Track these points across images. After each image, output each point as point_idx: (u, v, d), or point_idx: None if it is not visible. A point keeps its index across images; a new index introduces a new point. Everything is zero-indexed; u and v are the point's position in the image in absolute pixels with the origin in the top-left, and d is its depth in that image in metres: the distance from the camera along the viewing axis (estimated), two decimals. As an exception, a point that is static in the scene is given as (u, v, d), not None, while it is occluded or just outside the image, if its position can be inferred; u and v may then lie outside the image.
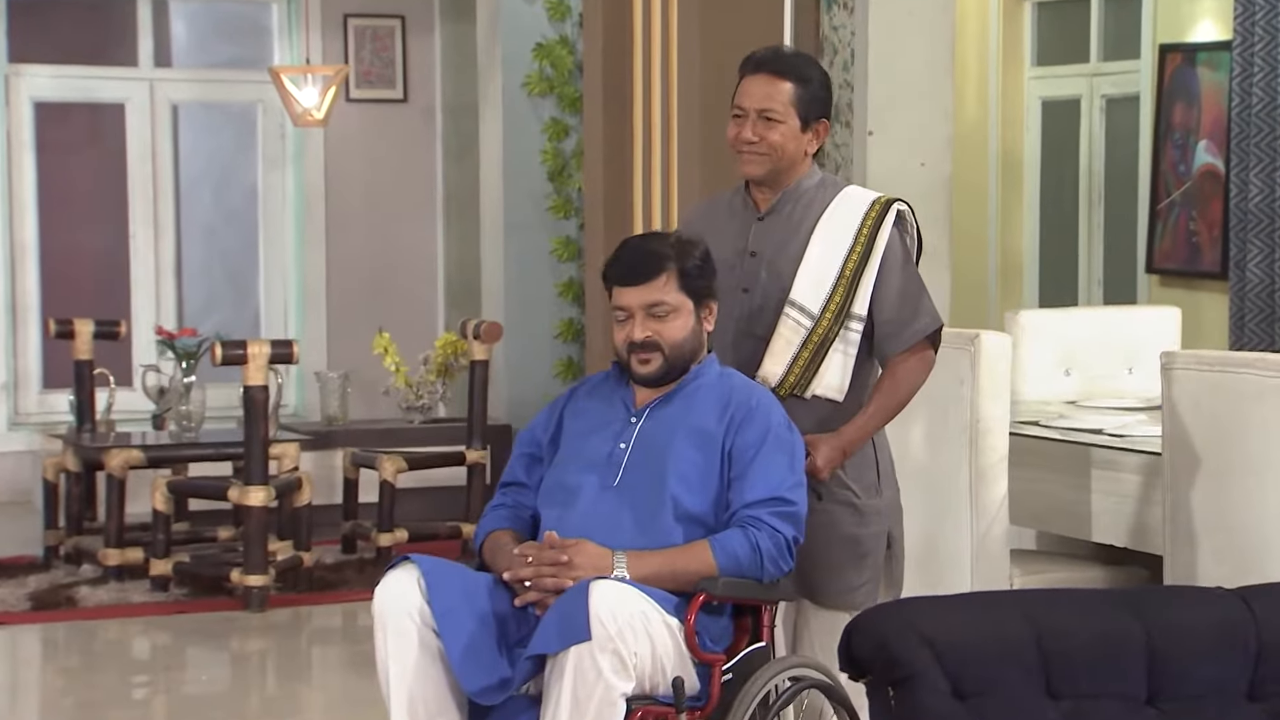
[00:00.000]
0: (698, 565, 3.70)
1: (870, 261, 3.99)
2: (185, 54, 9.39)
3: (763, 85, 4.01)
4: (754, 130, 4.00)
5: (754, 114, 4.00)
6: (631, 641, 3.50)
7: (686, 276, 3.83)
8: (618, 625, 3.49)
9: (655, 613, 3.60)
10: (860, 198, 4.07)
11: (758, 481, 3.75)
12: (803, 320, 3.97)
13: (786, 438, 3.81)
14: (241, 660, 6.56)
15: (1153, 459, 4.65)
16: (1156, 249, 7.96)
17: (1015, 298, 8.89)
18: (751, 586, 3.74)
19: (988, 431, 4.77)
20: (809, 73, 4.03)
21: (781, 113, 3.99)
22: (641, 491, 3.77)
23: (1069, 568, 5.00)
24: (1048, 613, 2.86)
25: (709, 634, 3.72)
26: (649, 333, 3.82)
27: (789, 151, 4.01)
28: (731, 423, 3.80)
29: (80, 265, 9.31)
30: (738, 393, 3.84)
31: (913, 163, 6.68)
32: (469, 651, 3.59)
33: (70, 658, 6.55)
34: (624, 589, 3.57)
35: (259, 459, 6.91)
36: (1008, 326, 5.77)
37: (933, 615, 2.84)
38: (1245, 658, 2.90)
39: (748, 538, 3.71)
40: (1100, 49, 8.54)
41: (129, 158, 9.16)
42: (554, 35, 8.78)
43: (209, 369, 7.30)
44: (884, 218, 4.01)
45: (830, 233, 4.01)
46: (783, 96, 3.99)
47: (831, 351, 3.98)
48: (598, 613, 3.48)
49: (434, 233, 9.44)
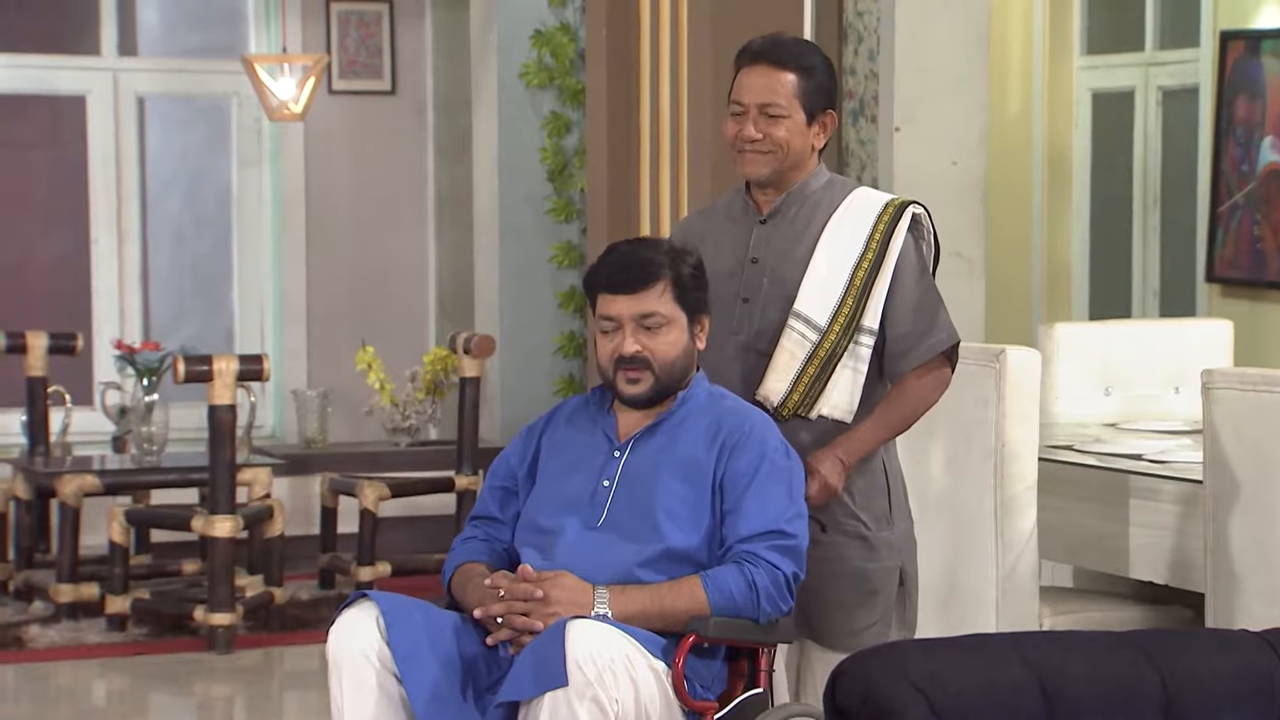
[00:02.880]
0: (688, 603, 3.70)
1: (883, 270, 3.99)
2: (152, 42, 9.43)
3: (763, 77, 4.02)
4: (757, 126, 4.00)
5: (755, 109, 4.01)
6: (613, 687, 3.50)
7: (681, 287, 3.84)
8: (597, 669, 3.49)
9: (640, 656, 3.60)
10: (872, 200, 4.08)
11: (753, 514, 3.75)
12: (808, 333, 3.98)
13: (783, 465, 3.81)
14: (206, 707, 6.58)
15: (1195, 487, 4.64)
16: (1218, 256, 7.95)
17: (1063, 310, 8.87)
18: (746, 627, 3.74)
19: (1015, 457, 4.77)
20: (812, 60, 4.04)
21: (785, 106, 4.00)
22: (628, 531, 3.77)
23: (1104, 607, 4.99)
24: (1052, 657, 2.85)
25: (699, 679, 3.72)
26: (639, 347, 3.81)
27: (795, 148, 4.02)
28: (723, 450, 3.80)
29: (36, 273, 9.34)
30: (729, 417, 3.84)
31: (943, 161, 6.69)
32: (434, 699, 3.60)
33: (20, 704, 6.57)
34: (605, 630, 3.57)
35: (225, 486, 6.93)
36: (1042, 341, 5.77)
37: (925, 659, 2.83)
38: (1272, 707, 2.89)
39: (743, 574, 3.71)
40: (1156, 36, 8.53)
41: (90, 155, 9.19)
42: (554, 22, 8.80)
43: (175, 387, 7.32)
44: (898, 221, 4.02)
45: (839, 237, 4.02)
46: (786, 89, 4.00)
47: (840, 368, 3.98)
48: (575, 656, 3.48)
49: (424, 238, 9.45)
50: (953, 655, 2.85)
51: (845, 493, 4.00)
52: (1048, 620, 4.86)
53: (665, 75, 7.72)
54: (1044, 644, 2.88)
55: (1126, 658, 2.87)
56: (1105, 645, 2.87)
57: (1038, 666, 2.81)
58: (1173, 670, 2.87)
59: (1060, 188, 8.95)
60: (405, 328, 9.39)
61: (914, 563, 4.14)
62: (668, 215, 7.77)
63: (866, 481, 4.05)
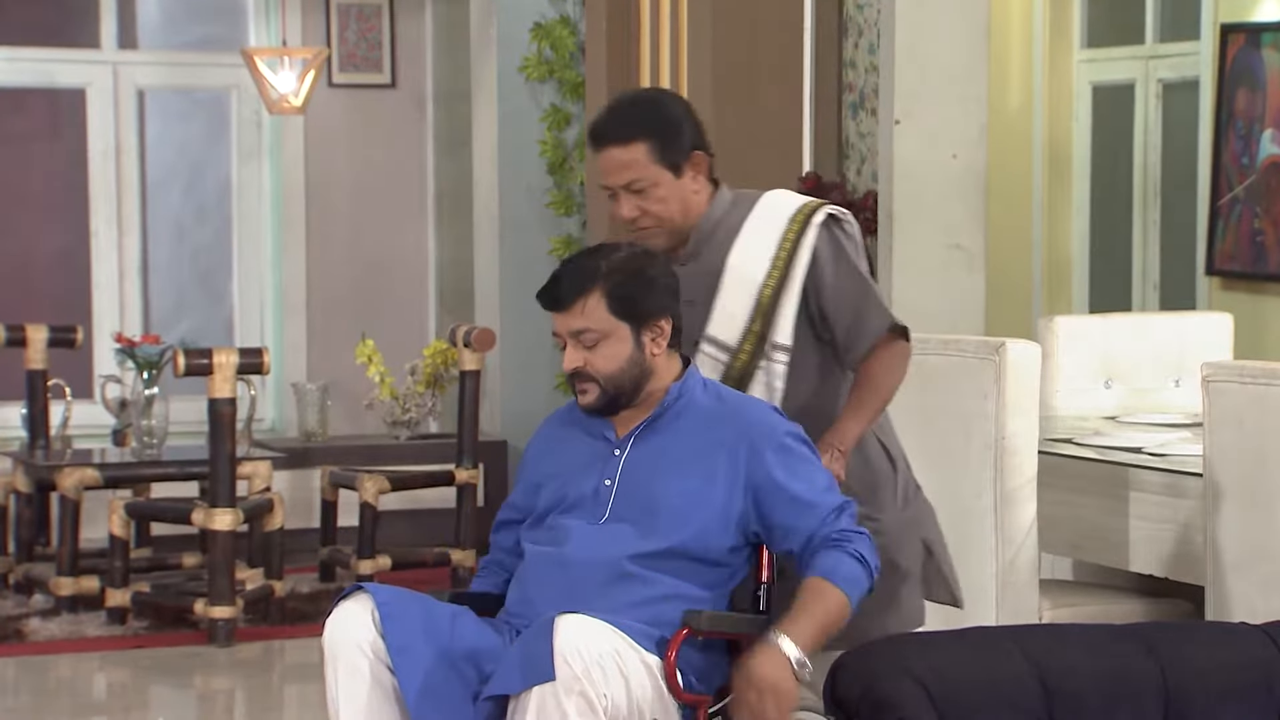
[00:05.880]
0: (837, 606, 3.65)
1: (789, 284, 3.96)
2: (152, 35, 9.43)
3: (615, 158, 3.95)
4: (631, 206, 3.95)
5: (621, 190, 3.95)
6: (601, 682, 3.50)
7: (615, 299, 3.76)
8: (585, 664, 3.49)
9: (631, 650, 3.60)
10: (780, 210, 4.02)
11: (812, 499, 3.73)
12: (720, 355, 3.98)
13: (800, 441, 3.81)
14: (207, 699, 6.59)
15: (1194, 480, 4.65)
16: (1218, 250, 7.95)
17: (1063, 303, 8.87)
18: (739, 620, 3.73)
19: (1014, 450, 4.77)
20: (654, 119, 3.96)
21: (647, 176, 3.94)
22: (630, 528, 3.76)
23: (1104, 600, 5.00)
24: (1052, 650, 2.86)
25: (694, 672, 3.71)
26: (579, 362, 3.79)
27: (676, 209, 3.97)
28: (740, 452, 3.76)
29: (36, 266, 9.35)
30: (732, 413, 3.81)
31: (944, 154, 6.69)
32: (426, 691, 3.60)
33: (19, 697, 6.57)
34: (594, 624, 3.56)
35: (225, 479, 6.94)
36: (1041, 334, 5.77)
37: (925, 653, 2.84)
38: (1270, 700, 2.90)
39: (849, 554, 3.69)
40: (1156, 29, 8.52)
41: (90, 148, 9.20)
42: (554, 14, 8.80)
43: (175, 380, 7.33)
44: (804, 231, 3.98)
45: (746, 256, 3.99)
46: (640, 160, 3.93)
47: (752, 385, 3.98)
48: (563, 650, 3.48)
49: (424, 231, 9.46)
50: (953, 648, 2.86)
51: (855, 496, 3.96)
52: (1048, 613, 4.86)
53: (665, 68, 7.73)
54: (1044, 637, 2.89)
55: (1126, 650, 2.87)
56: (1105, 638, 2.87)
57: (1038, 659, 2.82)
58: (1172, 662, 2.88)
59: (1060, 181, 8.95)
60: (405, 321, 9.39)
61: (935, 528, 4.15)
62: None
63: (870, 475, 4.05)
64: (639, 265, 3.81)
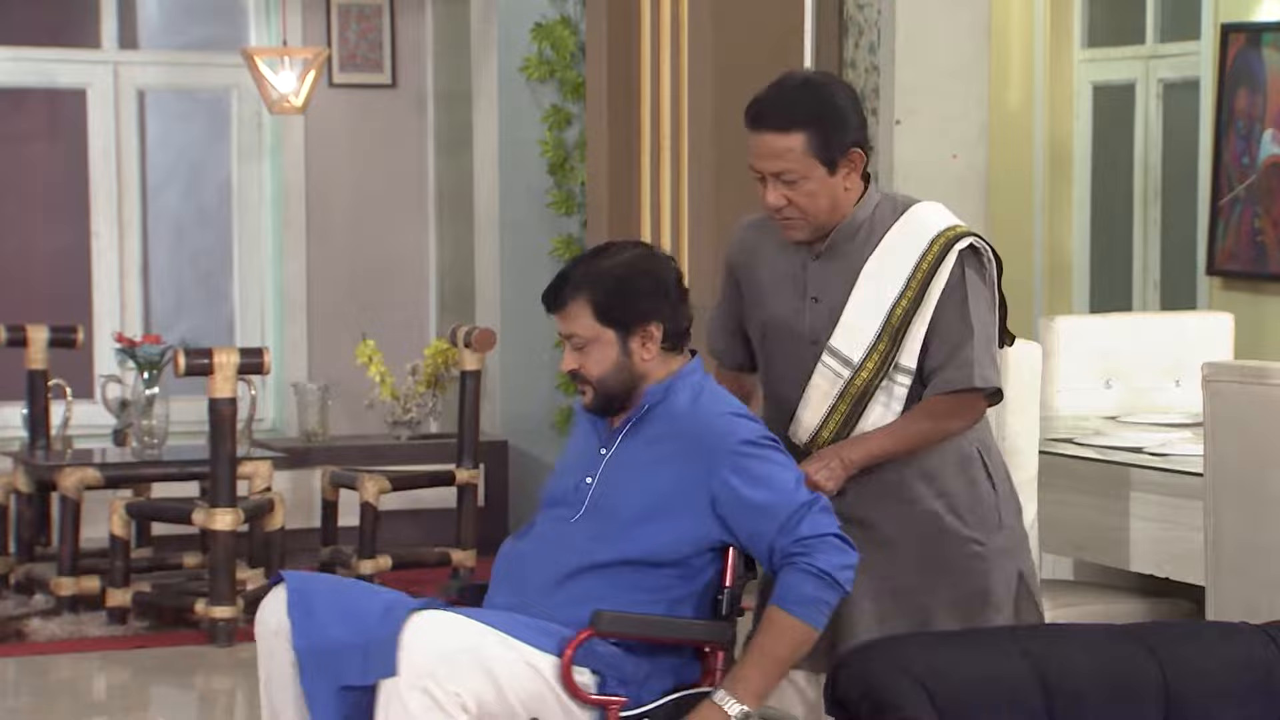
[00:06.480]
0: (791, 636, 3.65)
1: (922, 309, 3.85)
2: (153, 35, 9.43)
3: (769, 144, 3.81)
4: (777, 194, 3.82)
5: (770, 176, 3.82)
6: (449, 679, 3.50)
7: (600, 306, 3.76)
8: (430, 661, 3.50)
9: (506, 650, 3.58)
10: (925, 226, 3.89)
11: (770, 505, 3.70)
12: (841, 370, 3.87)
13: (756, 448, 3.74)
14: (208, 699, 6.59)
15: (1195, 480, 4.64)
16: (1218, 249, 7.95)
17: (1063, 303, 8.87)
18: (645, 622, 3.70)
19: (1015, 450, 4.74)
20: (818, 109, 3.81)
21: (800, 169, 3.80)
22: (596, 529, 3.77)
23: (1104, 600, 5.00)
24: (1053, 650, 2.86)
25: (618, 674, 3.69)
26: (574, 365, 3.81)
27: (824, 204, 3.84)
28: (700, 463, 3.74)
29: (36, 266, 9.35)
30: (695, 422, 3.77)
31: (944, 154, 6.68)
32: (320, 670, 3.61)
33: (20, 697, 6.57)
34: (450, 620, 3.58)
35: (226, 479, 6.94)
36: (1042, 334, 5.77)
37: (925, 654, 2.84)
38: (1272, 700, 2.89)
39: (804, 569, 3.66)
40: (1157, 29, 8.53)
41: (90, 149, 9.19)
42: (554, 15, 8.80)
43: (176, 380, 7.33)
44: (943, 258, 3.85)
45: (882, 270, 3.86)
46: (795, 151, 3.79)
47: (872, 404, 3.88)
48: (407, 645, 3.50)
49: (425, 231, 9.45)
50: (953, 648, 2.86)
51: (953, 515, 3.90)
52: (1048, 613, 4.82)
53: (666, 68, 7.72)
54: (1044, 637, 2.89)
55: (1127, 650, 2.87)
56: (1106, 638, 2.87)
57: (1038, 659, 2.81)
58: (1173, 662, 2.88)
59: (1061, 181, 8.95)
60: (406, 321, 9.39)
61: (1028, 559, 4.02)
62: (668, 208, 7.77)
63: (976, 498, 3.94)
64: (627, 272, 3.78)
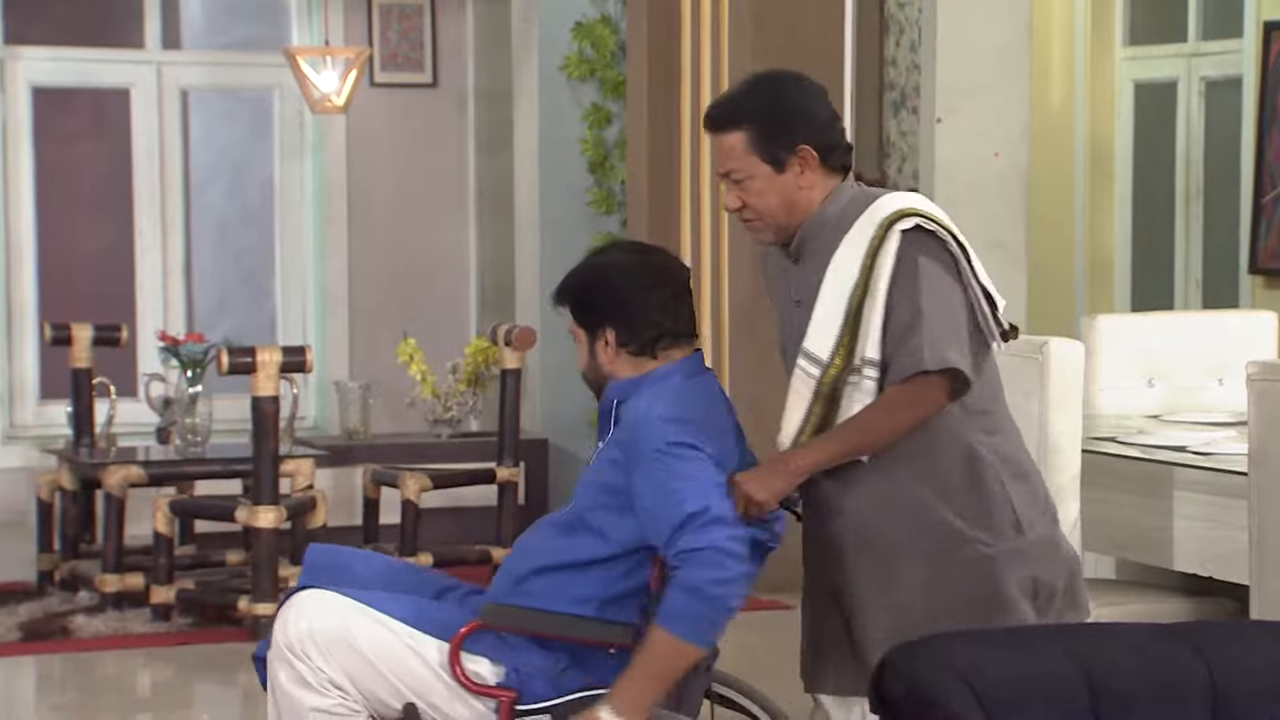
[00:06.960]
0: (671, 654, 3.66)
1: (871, 293, 3.72)
2: (196, 35, 9.48)
3: (717, 144, 3.81)
4: (732, 196, 3.81)
5: (723, 178, 3.83)
6: (315, 656, 3.73)
7: (574, 308, 3.93)
8: (298, 636, 3.74)
9: (383, 631, 3.76)
10: (878, 214, 3.76)
11: (649, 507, 3.70)
12: (812, 369, 3.76)
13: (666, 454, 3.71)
14: (251, 697, 6.60)
15: (1239, 479, 4.63)
16: (1261, 247, 7.93)
17: (1105, 301, 8.85)
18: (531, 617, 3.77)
19: (1058, 449, 4.75)
20: (761, 106, 3.75)
21: (743, 168, 3.76)
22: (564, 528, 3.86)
23: (1147, 599, 4.98)
24: (1097, 649, 2.84)
25: (527, 667, 3.76)
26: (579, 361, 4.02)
27: (776, 202, 3.77)
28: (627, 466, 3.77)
29: (81, 265, 9.40)
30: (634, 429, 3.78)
31: (985, 153, 6.69)
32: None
33: (65, 694, 6.60)
34: (332, 599, 3.79)
35: (269, 477, 6.96)
36: (1084, 332, 5.75)
37: (969, 651, 2.83)
38: (1318, 699, 2.88)
39: (674, 584, 3.65)
40: (1199, 26, 8.51)
41: (134, 148, 9.25)
42: (595, 14, 8.81)
43: (219, 378, 7.36)
44: (883, 242, 3.72)
45: (841, 265, 3.76)
46: (737, 150, 3.76)
47: (846, 402, 3.75)
48: (284, 618, 3.78)
49: (465, 230, 9.48)
50: (998, 646, 2.85)
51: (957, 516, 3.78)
52: (1092, 612, 4.84)
53: (706, 67, 7.73)
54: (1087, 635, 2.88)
55: (1172, 649, 2.86)
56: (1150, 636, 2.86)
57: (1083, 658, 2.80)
58: (1220, 662, 2.86)
59: (1102, 179, 8.93)
60: (446, 319, 9.41)
61: (1050, 569, 3.84)
62: (708, 206, 7.78)
63: (981, 499, 3.80)
64: (588, 277, 3.92)
